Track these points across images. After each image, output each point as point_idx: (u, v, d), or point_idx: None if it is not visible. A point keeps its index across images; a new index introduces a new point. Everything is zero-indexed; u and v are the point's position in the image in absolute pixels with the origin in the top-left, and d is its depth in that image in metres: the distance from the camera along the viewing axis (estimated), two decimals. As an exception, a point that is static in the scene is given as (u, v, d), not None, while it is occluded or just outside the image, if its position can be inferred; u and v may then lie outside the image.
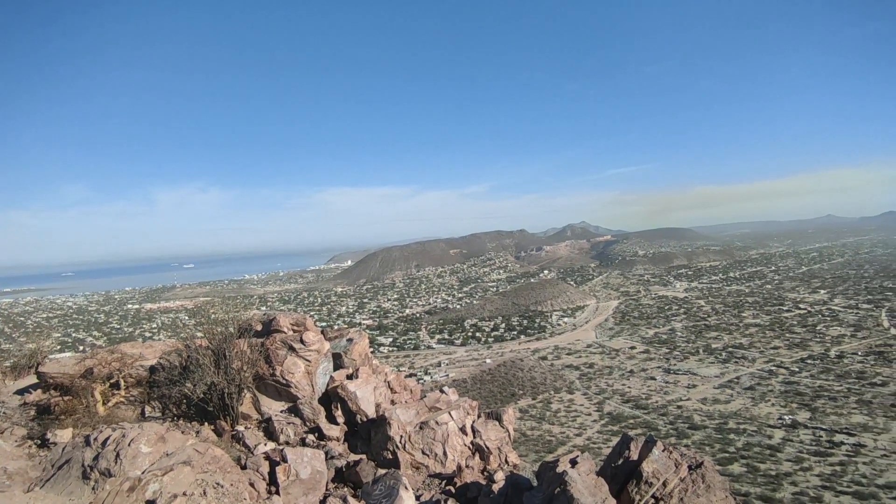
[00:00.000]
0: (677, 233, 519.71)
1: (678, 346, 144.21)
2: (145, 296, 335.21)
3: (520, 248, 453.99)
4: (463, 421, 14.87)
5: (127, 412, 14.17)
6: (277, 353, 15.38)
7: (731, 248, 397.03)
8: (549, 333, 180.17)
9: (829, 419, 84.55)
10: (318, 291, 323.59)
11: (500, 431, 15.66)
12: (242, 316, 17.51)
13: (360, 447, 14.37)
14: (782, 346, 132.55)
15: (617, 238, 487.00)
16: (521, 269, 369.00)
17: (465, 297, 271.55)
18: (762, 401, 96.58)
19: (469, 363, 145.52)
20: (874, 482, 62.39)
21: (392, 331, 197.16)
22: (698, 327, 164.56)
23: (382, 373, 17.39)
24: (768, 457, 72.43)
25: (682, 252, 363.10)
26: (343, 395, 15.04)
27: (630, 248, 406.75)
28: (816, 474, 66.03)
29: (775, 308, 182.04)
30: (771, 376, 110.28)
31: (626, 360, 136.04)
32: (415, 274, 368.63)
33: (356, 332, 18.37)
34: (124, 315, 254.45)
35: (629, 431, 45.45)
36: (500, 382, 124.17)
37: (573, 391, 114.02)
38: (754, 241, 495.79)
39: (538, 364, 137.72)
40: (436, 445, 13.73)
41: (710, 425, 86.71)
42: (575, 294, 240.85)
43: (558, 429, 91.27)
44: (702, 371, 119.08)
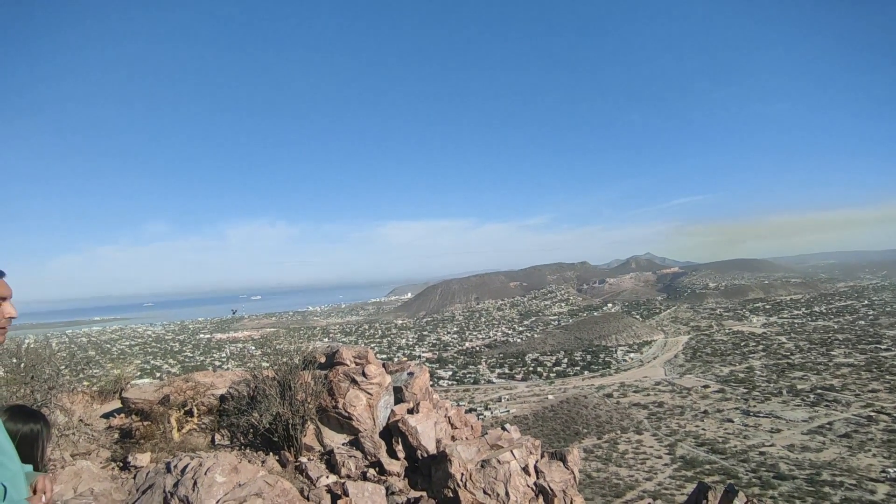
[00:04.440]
0: (751, 264, 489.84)
1: (757, 385, 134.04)
2: (216, 326, 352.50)
3: (581, 280, 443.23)
4: (526, 460, 14.38)
5: (199, 439, 14.74)
6: (340, 385, 15.59)
7: (815, 280, 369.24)
8: (615, 369, 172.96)
9: (941, 473, 75.28)
10: (378, 323, 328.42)
11: (564, 473, 15.01)
12: (306, 347, 17.95)
13: (421, 484, 14.15)
14: (882, 390, 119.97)
15: (685, 270, 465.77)
16: (584, 302, 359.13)
17: (526, 330, 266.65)
18: (861, 450, 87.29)
19: (530, 399, 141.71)
20: None
21: (452, 364, 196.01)
22: (780, 366, 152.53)
23: (443, 408, 17.21)
24: (869, 513, 65.15)
25: (758, 284, 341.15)
26: (404, 429, 14.96)
27: (700, 280, 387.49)
28: (928, 536, 58.61)
29: (871, 346, 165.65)
30: (870, 423, 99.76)
31: (699, 399, 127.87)
32: (474, 307, 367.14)
33: (417, 366, 18.38)
34: (196, 344, 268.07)
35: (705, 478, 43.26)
36: (562, 420, 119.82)
37: (641, 431, 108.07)
38: (841, 272, 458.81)
39: (603, 401, 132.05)
40: (498, 485, 13.30)
41: (800, 476, 79.22)
42: (641, 328, 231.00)
43: (626, 472, 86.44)
44: (786, 414, 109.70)
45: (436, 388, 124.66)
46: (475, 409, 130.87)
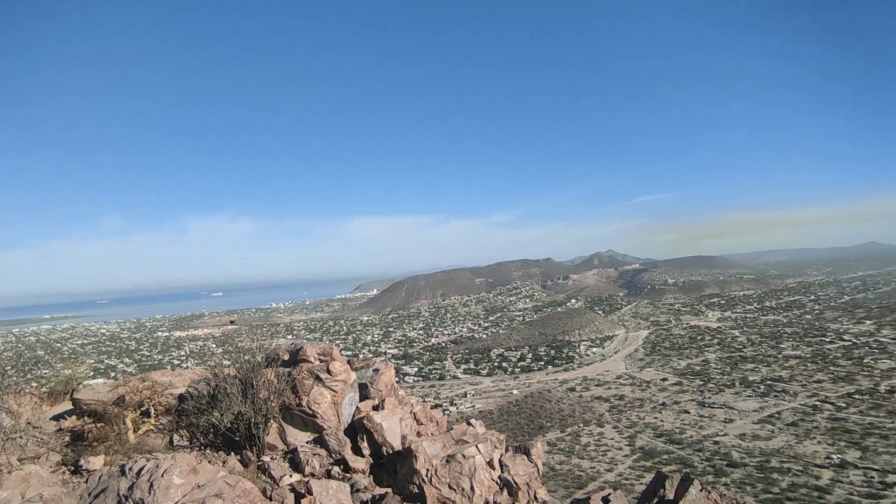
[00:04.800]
0: (708, 261, 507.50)
1: (712, 378, 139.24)
2: (175, 323, 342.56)
3: (546, 276, 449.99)
4: (490, 455, 14.53)
5: (156, 440, 14.30)
6: (304, 382, 15.38)
7: (766, 276, 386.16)
8: (578, 364, 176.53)
9: (881, 459, 79.53)
10: (343, 320, 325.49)
11: (528, 466, 15.24)
12: (269, 345, 17.62)
13: (386, 480, 14.12)
14: (826, 380, 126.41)
15: (645, 266, 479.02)
16: (548, 298, 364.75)
17: (491, 326, 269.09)
18: (807, 438, 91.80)
19: (495, 394, 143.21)
20: (932, 527, 58.32)
21: (417, 360, 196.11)
22: (733, 359, 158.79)
23: (408, 404, 17.21)
24: (816, 499, 68.41)
25: (714, 281, 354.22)
26: (369, 426, 14.89)
27: (659, 276, 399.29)
28: (868, 518, 62.09)
29: (817, 339, 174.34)
30: (815, 412, 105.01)
31: (658, 392, 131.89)
32: (440, 303, 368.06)
33: (382, 363, 18.30)
34: (154, 342, 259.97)
35: (663, 468, 44.59)
36: (527, 414, 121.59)
37: (603, 424, 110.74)
38: (791, 269, 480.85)
39: (566, 395, 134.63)
40: (463, 480, 13.41)
41: (751, 463, 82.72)
42: (603, 323, 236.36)
43: (588, 463, 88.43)
44: (739, 405, 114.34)
45: (401, 385, 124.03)
46: (441, 405, 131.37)
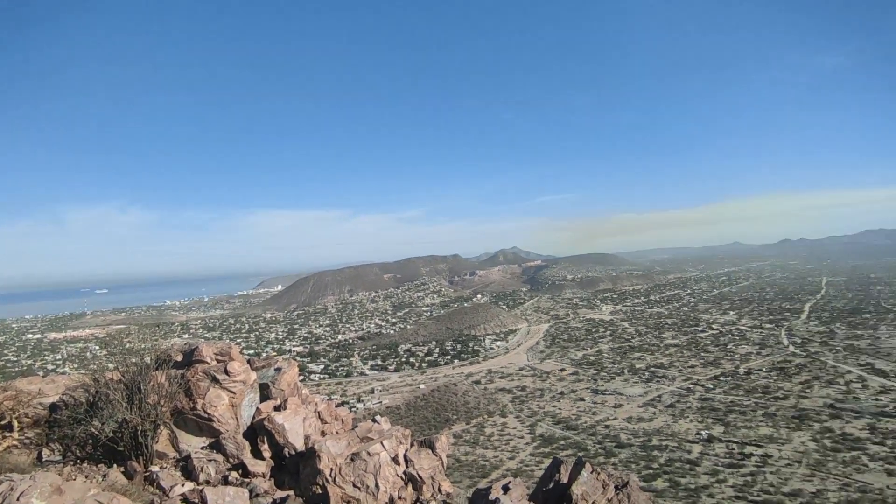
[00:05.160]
0: (603, 258, 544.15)
1: (605, 367, 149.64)
2: (49, 324, 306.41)
3: (453, 272, 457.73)
4: (395, 450, 14.60)
5: (21, 457, 12.78)
6: (199, 385, 14.50)
7: (652, 272, 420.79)
8: (483, 357, 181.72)
9: (740, 432, 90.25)
10: (245, 318, 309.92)
11: (433, 460, 15.49)
12: (161, 345, 16.41)
13: (288, 483, 13.72)
14: (698, 365, 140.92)
15: (547, 263, 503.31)
16: (455, 293, 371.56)
17: (399, 322, 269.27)
18: (682, 417, 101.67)
19: (403, 389, 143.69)
20: (781, 490, 67.01)
21: (324, 358, 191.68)
22: (623, 349, 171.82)
23: (313, 403, 16.80)
24: (688, 471, 75.97)
25: (608, 276, 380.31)
26: (270, 427, 14.37)
27: (559, 272, 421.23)
28: (730, 485, 69.92)
29: (691, 329, 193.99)
30: (689, 394, 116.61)
31: (557, 382, 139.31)
32: (348, 299, 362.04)
33: (285, 361, 17.72)
34: (23, 346, 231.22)
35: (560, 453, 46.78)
36: (434, 408, 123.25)
37: (506, 414, 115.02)
38: (672, 265, 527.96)
39: (472, 388, 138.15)
40: (367, 477, 13.36)
41: (636, 443, 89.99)
42: (507, 318, 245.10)
43: (492, 453, 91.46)
44: (627, 391, 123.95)
45: (306, 383, 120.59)
46: (347, 402, 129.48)
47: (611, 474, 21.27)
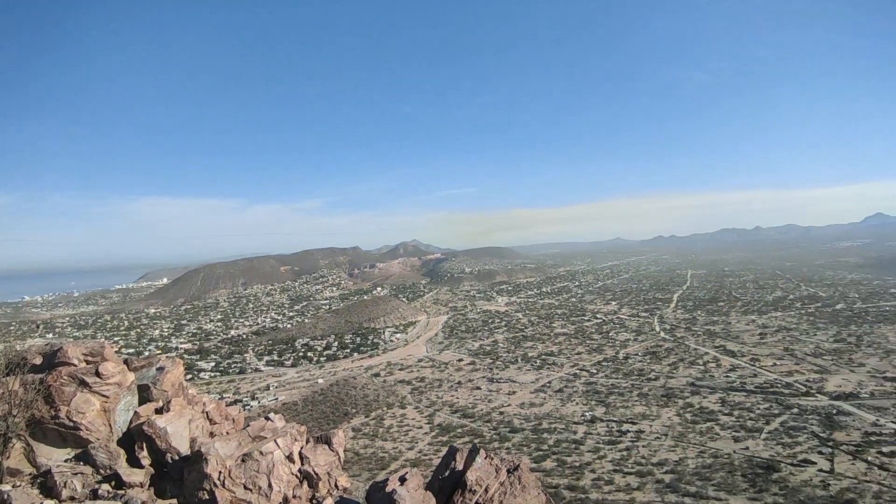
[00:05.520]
0: (500, 252, 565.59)
1: (500, 356, 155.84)
2: None
3: (353, 265, 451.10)
4: (290, 448, 14.14)
5: None
6: (63, 390, 13.00)
7: (544, 266, 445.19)
8: (382, 350, 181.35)
9: (618, 412, 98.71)
10: (125, 314, 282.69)
11: (329, 455, 15.21)
12: (15, 347, 14.48)
13: (171, 491, 12.77)
14: (584, 352, 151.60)
15: (446, 256, 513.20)
16: (355, 286, 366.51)
17: (297, 315, 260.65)
18: (569, 401, 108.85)
19: (300, 384, 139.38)
20: (650, 461, 74.60)
21: (215, 354, 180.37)
22: (517, 338, 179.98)
23: (200, 403, 15.76)
24: (573, 450, 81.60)
25: (504, 269, 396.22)
26: (150, 432, 13.26)
27: (458, 265, 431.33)
28: (609, 461, 76.29)
29: (579, 318, 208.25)
30: (576, 379, 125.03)
31: (455, 372, 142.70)
32: (242, 292, 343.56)
33: (169, 360, 16.43)
34: None
35: (457, 441, 48.08)
36: (332, 402, 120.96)
37: (405, 406, 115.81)
38: (562, 259, 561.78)
39: (371, 381, 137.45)
40: (260, 478, 12.81)
41: (528, 427, 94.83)
42: (407, 310, 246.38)
43: (391, 444, 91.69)
44: (520, 378, 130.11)
45: (195, 383, 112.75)
46: (241, 401, 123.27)
47: (503, 458, 22.22)
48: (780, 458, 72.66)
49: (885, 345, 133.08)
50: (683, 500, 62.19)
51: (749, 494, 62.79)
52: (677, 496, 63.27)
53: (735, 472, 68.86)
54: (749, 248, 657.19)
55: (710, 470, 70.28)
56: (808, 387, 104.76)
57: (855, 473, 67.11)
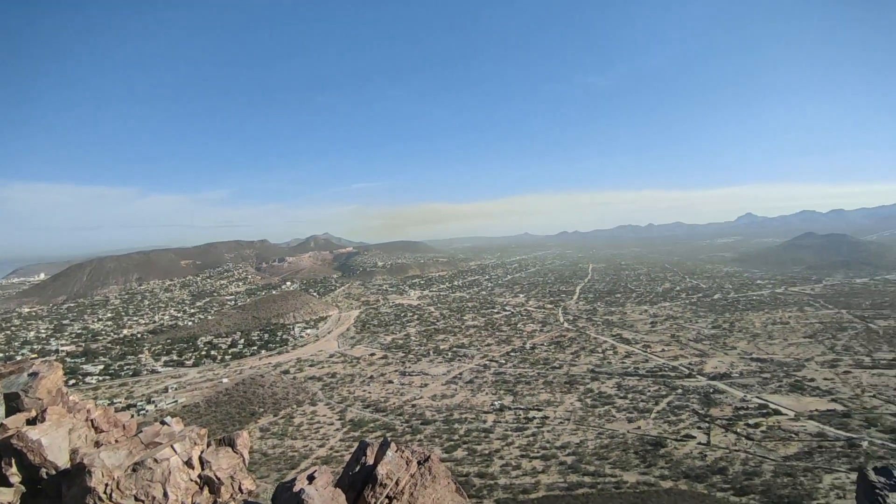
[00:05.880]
0: (412, 245, 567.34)
1: (412, 349, 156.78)
2: None
3: (261, 259, 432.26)
4: (189, 453, 13.38)
5: None
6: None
7: (456, 259, 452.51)
8: (292, 346, 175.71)
9: (525, 400, 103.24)
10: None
11: (233, 458, 14.59)
12: None
13: (48, 507, 11.63)
14: (494, 343, 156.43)
15: (359, 250, 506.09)
16: (263, 281, 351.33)
17: (199, 312, 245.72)
18: (479, 391, 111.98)
19: (203, 385, 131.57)
20: (554, 445, 79.08)
21: (104, 356, 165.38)
22: (429, 331, 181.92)
23: (84, 410, 14.45)
24: (483, 438, 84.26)
25: (416, 263, 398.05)
26: (20, 445, 11.97)
27: (371, 259, 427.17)
28: (517, 446, 79.73)
29: (489, 311, 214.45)
30: (485, 370, 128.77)
31: (367, 366, 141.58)
32: (136, 288, 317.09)
33: (45, 364, 14.89)
34: None
35: (369, 436, 48.19)
36: (238, 402, 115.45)
37: (316, 403, 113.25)
38: (473, 253, 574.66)
39: (280, 379, 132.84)
40: (154, 487, 12.01)
41: (439, 419, 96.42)
42: (318, 305, 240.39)
43: (301, 443, 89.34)
44: (432, 370, 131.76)
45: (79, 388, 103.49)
46: (134, 405, 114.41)
47: (414, 451, 22.46)
48: (666, 435, 79.80)
49: (752, 329, 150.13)
50: (583, 479, 66.41)
51: (640, 470, 68.34)
52: (578, 476, 67.46)
53: (628, 451, 74.66)
54: (643, 244, 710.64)
55: (606, 450, 75.62)
56: (690, 369, 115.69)
57: (727, 444, 75.29)
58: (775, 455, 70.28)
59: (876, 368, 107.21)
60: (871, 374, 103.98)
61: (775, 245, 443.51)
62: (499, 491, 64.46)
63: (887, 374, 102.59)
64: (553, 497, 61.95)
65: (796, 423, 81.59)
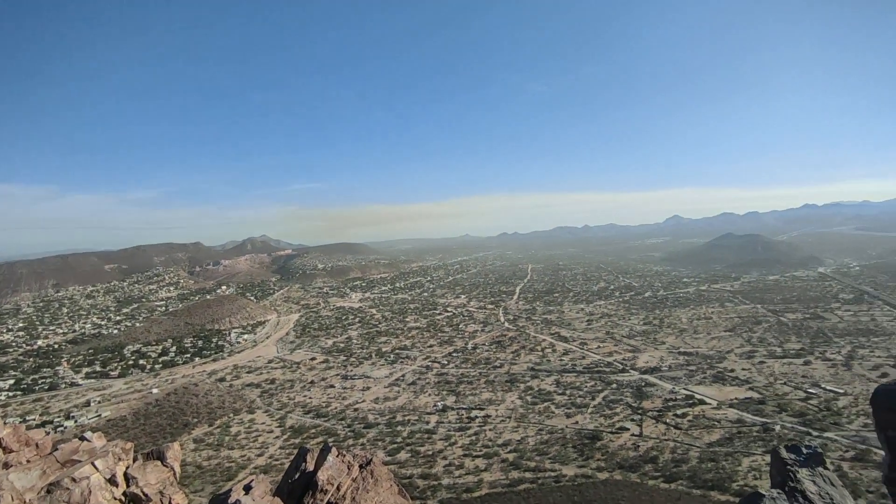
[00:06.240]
0: (353, 247, 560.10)
1: (354, 352, 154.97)
2: None
3: (195, 262, 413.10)
4: (112, 469, 12.82)
5: None
6: None
7: (398, 261, 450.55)
8: (228, 353, 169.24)
9: (467, 399, 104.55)
10: None
11: (162, 472, 14.10)
12: None
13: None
14: (436, 344, 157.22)
15: (298, 252, 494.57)
16: (197, 285, 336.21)
17: (126, 319, 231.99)
18: (422, 393, 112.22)
19: (130, 397, 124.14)
20: (496, 443, 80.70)
21: (14, 370, 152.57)
22: (371, 334, 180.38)
23: (-9, 430, 13.48)
24: (426, 439, 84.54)
25: (358, 265, 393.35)
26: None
27: (310, 261, 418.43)
28: (460, 446, 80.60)
29: (431, 312, 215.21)
30: (428, 371, 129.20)
31: (307, 371, 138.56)
32: (53, 295, 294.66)
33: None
34: None
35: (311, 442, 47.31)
36: (170, 413, 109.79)
37: (254, 410, 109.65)
38: (415, 255, 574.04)
39: (215, 387, 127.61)
40: (73, 507, 11.43)
41: (382, 421, 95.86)
42: (255, 309, 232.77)
43: (239, 453, 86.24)
44: (374, 373, 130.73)
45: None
46: (50, 422, 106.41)
47: (356, 455, 22.39)
48: (602, 428, 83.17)
49: (680, 325, 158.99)
50: (524, 475, 68.04)
51: (578, 463, 70.83)
52: (519, 472, 69.04)
53: (567, 445, 77.18)
54: (579, 245, 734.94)
55: (546, 445, 77.83)
56: (624, 364, 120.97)
57: (657, 434, 79.38)
58: (700, 442, 74.84)
59: (786, 358, 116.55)
60: (782, 363, 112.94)
61: (699, 245, 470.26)
62: (442, 491, 64.94)
63: (795, 363, 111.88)
64: (496, 494, 63.13)
65: (718, 411, 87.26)
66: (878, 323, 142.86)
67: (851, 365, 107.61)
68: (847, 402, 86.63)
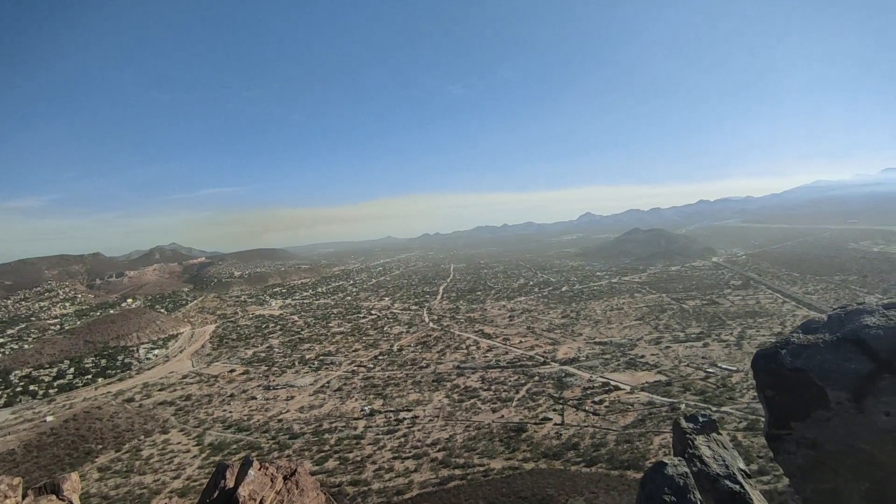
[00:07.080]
0: (272, 253, 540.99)
1: (276, 361, 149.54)
2: None
3: (94, 274, 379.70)
4: (-1, 508, 11.65)
5: None
6: None
7: (319, 266, 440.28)
8: (137, 370, 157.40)
9: (395, 402, 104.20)
10: None
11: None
12: None
13: None
14: (361, 348, 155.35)
15: (212, 260, 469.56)
16: (97, 299, 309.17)
17: (11, 341, 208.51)
18: (348, 398, 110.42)
19: (19, 427, 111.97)
20: (425, 443, 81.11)
21: None
22: (293, 341, 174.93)
23: None
24: (355, 445, 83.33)
25: (277, 271, 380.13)
26: None
27: (226, 269, 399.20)
28: (389, 449, 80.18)
29: (355, 316, 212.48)
30: (354, 375, 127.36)
31: (227, 384, 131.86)
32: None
33: None
34: None
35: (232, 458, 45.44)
36: (69, 442, 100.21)
37: (168, 430, 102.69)
38: (337, 258, 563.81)
39: (122, 408, 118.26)
40: (-48, 554, 10.28)
41: (308, 431, 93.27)
42: (167, 322, 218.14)
43: (152, 477, 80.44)
44: (298, 382, 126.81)
45: None
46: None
47: (280, 466, 21.73)
48: (527, 420, 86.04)
49: (595, 316, 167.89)
50: (454, 472, 68.86)
51: (505, 455, 72.79)
52: (449, 470, 69.79)
53: (494, 439, 79.07)
54: (499, 243, 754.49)
55: (474, 441, 79.29)
56: (545, 357, 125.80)
57: (578, 422, 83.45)
58: (617, 426, 79.48)
59: (688, 341, 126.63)
60: (685, 346, 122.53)
61: (610, 240, 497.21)
62: (373, 496, 64.28)
63: (696, 346, 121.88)
64: (427, 494, 63.37)
65: (632, 395, 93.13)
66: (762, 305, 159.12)
67: (742, 344, 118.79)
68: (739, 378, 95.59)
